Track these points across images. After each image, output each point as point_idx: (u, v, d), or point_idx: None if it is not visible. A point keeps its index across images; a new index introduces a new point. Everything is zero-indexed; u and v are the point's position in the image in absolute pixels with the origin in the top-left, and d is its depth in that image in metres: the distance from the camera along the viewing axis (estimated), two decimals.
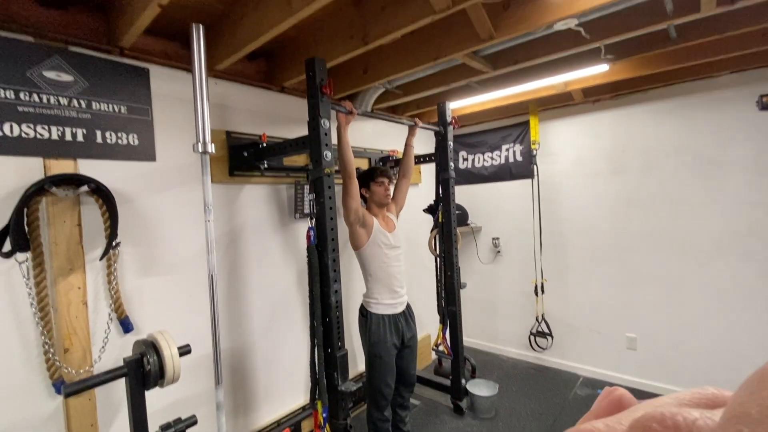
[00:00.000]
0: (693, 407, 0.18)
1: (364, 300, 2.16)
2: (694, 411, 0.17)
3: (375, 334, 2.07)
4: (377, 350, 2.06)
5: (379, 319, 2.08)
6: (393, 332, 2.10)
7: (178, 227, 1.85)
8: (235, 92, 2.11)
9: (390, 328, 2.09)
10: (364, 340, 2.12)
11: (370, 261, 2.10)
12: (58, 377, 1.53)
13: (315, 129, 1.69)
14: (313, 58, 1.68)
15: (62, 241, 1.54)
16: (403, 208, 2.40)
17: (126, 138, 1.70)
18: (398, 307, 2.15)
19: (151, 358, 1.40)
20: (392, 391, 2.13)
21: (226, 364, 2.06)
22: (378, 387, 2.08)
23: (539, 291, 3.21)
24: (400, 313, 2.15)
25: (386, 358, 2.07)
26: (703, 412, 0.17)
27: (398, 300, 2.15)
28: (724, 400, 0.18)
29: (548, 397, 2.83)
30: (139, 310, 1.75)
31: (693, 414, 0.17)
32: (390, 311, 2.11)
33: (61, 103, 1.54)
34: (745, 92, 2.42)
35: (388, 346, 2.07)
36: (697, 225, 2.61)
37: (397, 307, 2.14)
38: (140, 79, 1.75)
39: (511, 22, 1.68)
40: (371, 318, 2.08)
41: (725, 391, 0.19)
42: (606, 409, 0.23)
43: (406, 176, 2.41)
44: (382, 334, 2.07)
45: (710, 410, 0.17)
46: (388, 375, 2.08)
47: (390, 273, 2.12)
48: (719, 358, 2.56)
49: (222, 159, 2.00)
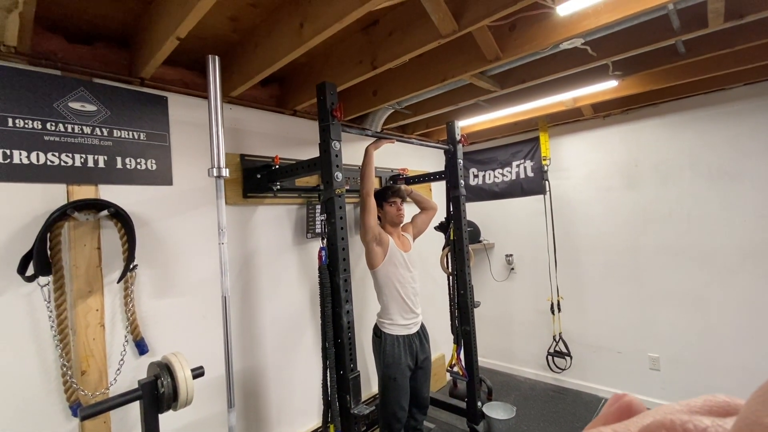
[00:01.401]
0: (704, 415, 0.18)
1: (378, 320, 2.14)
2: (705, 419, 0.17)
3: (389, 356, 2.04)
4: (391, 372, 2.03)
5: (393, 340, 2.06)
6: (407, 353, 2.07)
7: (193, 249, 1.89)
8: (249, 117, 2.18)
9: (404, 349, 2.06)
10: (378, 361, 2.09)
11: (386, 280, 2.09)
12: (75, 399, 1.54)
13: (326, 151, 1.73)
14: (324, 83, 1.73)
15: (82, 264, 1.58)
16: (422, 233, 2.43)
17: (145, 163, 1.77)
18: (413, 327, 2.12)
19: (165, 381, 1.41)
20: (406, 414, 2.09)
21: (239, 386, 2.06)
22: (392, 410, 2.04)
23: (555, 309, 3.14)
24: (414, 334, 2.12)
25: (400, 380, 2.03)
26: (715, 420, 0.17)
27: (413, 320, 2.12)
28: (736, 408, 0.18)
29: (569, 421, 2.73)
30: (154, 332, 1.77)
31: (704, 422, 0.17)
32: (404, 332, 2.09)
33: (85, 132, 1.61)
34: (760, 104, 2.38)
35: (402, 367, 2.04)
36: (717, 239, 2.54)
37: (412, 327, 2.12)
38: (159, 107, 1.83)
39: (518, 43, 1.70)
40: (385, 339, 2.06)
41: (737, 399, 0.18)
42: (615, 415, 0.22)
43: (426, 211, 2.52)
44: (397, 355, 2.04)
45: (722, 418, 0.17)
46: (402, 397, 2.04)
47: (405, 293, 2.11)
48: (747, 376, 2.44)
49: (236, 181, 2.05)
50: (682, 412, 0.18)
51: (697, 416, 0.17)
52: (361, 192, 2.01)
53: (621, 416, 0.22)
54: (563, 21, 1.58)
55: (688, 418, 0.17)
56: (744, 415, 0.16)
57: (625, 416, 0.22)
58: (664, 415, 0.18)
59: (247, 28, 1.72)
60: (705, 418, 0.17)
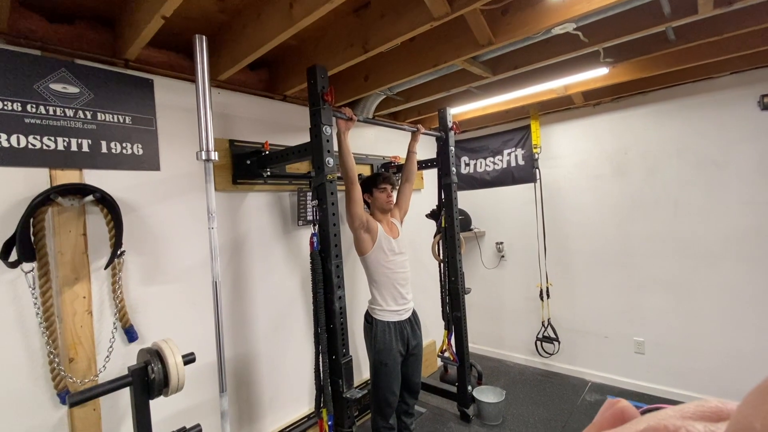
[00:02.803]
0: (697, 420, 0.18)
1: (369, 307, 2.15)
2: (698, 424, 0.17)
3: (380, 342, 2.05)
4: (382, 358, 2.04)
5: (384, 326, 2.07)
6: (398, 339, 2.08)
7: (183, 236, 1.86)
8: (238, 101, 2.14)
9: (395, 335, 2.08)
10: (369, 347, 2.10)
11: (376, 267, 2.09)
12: (63, 387, 1.53)
13: (317, 136, 1.71)
14: (314, 66, 1.70)
15: (68, 250, 1.55)
16: (407, 213, 2.40)
17: (131, 148, 1.73)
18: (404, 314, 2.13)
19: (155, 367, 1.40)
20: (397, 399, 2.11)
21: (231, 372, 2.05)
22: (383, 395, 2.06)
23: (545, 295, 3.19)
24: (405, 320, 2.14)
25: (391, 366, 2.05)
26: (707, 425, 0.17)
27: (404, 306, 2.14)
28: (728, 413, 0.18)
29: (556, 404, 2.79)
30: (144, 319, 1.75)
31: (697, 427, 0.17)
32: (395, 318, 2.10)
33: (67, 115, 1.57)
34: (747, 93, 2.42)
35: (394, 353, 2.06)
36: (703, 227, 2.59)
37: (403, 314, 2.13)
38: (145, 90, 1.78)
39: (510, 28, 1.69)
40: (376, 325, 2.07)
41: (729, 404, 0.19)
42: (609, 421, 0.23)
43: (409, 180, 2.41)
44: (388, 341, 2.05)
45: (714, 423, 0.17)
46: (393, 383, 2.06)
47: (395, 279, 2.11)
48: (729, 361, 2.52)
49: (225, 167, 2.01)
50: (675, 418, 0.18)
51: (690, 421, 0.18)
52: (344, 181, 1.96)
53: (615, 422, 0.22)
54: (555, 5, 1.57)
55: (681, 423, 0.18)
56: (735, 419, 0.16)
57: (619, 422, 0.22)
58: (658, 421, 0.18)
59: (236, 9, 1.67)
60: (698, 423, 0.17)
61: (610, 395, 2.84)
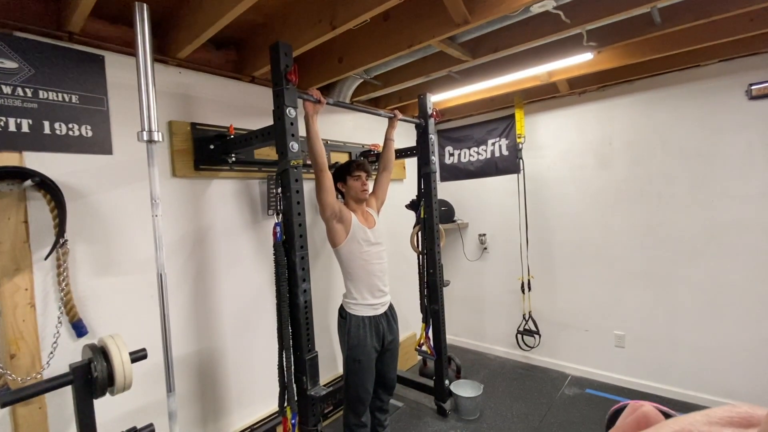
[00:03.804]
0: (725, 426, 0.18)
1: (343, 301, 2.06)
2: (726, 430, 0.17)
3: (354, 338, 1.97)
4: (356, 354, 1.96)
5: (359, 321, 1.98)
6: (373, 335, 2.00)
7: (138, 225, 1.75)
8: (202, 82, 2.01)
9: (370, 331, 2.00)
10: (343, 342, 2.02)
11: (349, 259, 2.00)
12: (3, 384, 1.42)
13: (280, 118, 1.60)
14: (278, 43, 1.58)
15: (6, 239, 1.43)
16: (384, 203, 2.31)
17: (78, 129, 1.60)
18: (380, 308, 2.05)
19: (99, 365, 1.30)
20: (371, 396, 2.04)
21: (195, 368, 1.96)
22: (356, 392, 1.99)
23: (526, 288, 3.14)
24: (381, 315, 2.05)
25: (365, 363, 1.98)
26: (736, 431, 0.17)
27: (380, 300, 2.05)
28: (758, 419, 0.18)
29: (535, 397, 2.76)
30: (96, 313, 1.64)
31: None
32: (371, 312, 2.01)
33: (4, 92, 1.43)
34: (734, 81, 2.35)
35: (368, 349, 1.98)
36: (685, 219, 2.54)
37: (379, 308, 2.05)
38: (94, 67, 1.65)
39: (486, 5, 1.59)
40: (350, 320, 1.99)
41: (758, 409, 0.18)
42: (631, 425, 0.22)
43: (387, 169, 2.31)
44: (362, 337, 1.97)
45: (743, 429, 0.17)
46: (367, 380, 1.99)
47: (371, 271, 2.02)
48: (710, 355, 2.50)
49: (186, 152, 1.90)
50: (701, 423, 0.18)
51: (718, 427, 0.17)
52: (313, 168, 1.84)
53: (638, 426, 0.22)
54: None
55: (708, 429, 0.17)
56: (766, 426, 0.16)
57: (642, 426, 0.22)
58: (683, 426, 0.18)
59: None
60: (726, 429, 0.17)
61: (590, 389, 2.81)
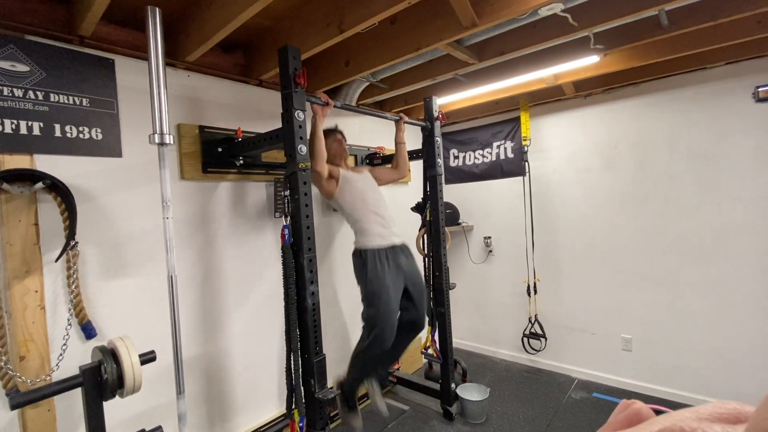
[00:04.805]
0: (714, 422, 0.18)
1: (355, 244, 2.06)
2: (716, 426, 0.17)
3: (371, 270, 1.91)
4: (375, 288, 1.90)
5: (374, 254, 1.94)
6: (392, 267, 1.95)
7: (147, 227, 1.76)
8: (210, 85, 2.02)
9: (388, 263, 1.95)
10: (360, 277, 1.98)
11: (348, 199, 2.04)
12: (13, 386, 1.43)
13: (289, 121, 1.61)
14: (286, 47, 1.59)
15: (17, 241, 1.44)
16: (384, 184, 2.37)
17: (89, 132, 1.61)
18: (390, 238, 2.02)
19: (108, 367, 1.31)
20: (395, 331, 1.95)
21: (201, 371, 1.96)
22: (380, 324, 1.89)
23: (532, 291, 3.12)
24: (398, 247, 2.03)
25: (384, 296, 1.90)
26: (725, 427, 0.17)
27: (389, 231, 2.03)
28: (746, 416, 0.18)
29: (542, 401, 2.74)
30: (105, 315, 1.65)
31: (714, 429, 0.17)
32: (383, 243, 1.98)
33: (16, 95, 1.45)
34: (741, 84, 2.34)
35: (386, 282, 1.91)
36: (693, 221, 2.53)
37: (389, 238, 2.01)
38: (104, 71, 1.66)
39: (495, 8, 1.59)
40: (366, 255, 1.95)
41: (747, 406, 0.18)
42: (623, 422, 0.23)
43: (397, 168, 2.39)
44: (380, 268, 1.91)
45: (732, 425, 0.17)
46: (387, 313, 1.90)
47: (370, 205, 2.04)
48: (717, 359, 2.48)
49: (195, 155, 1.90)
50: (691, 419, 0.18)
51: (707, 423, 0.17)
52: (312, 169, 1.83)
53: (630, 423, 0.22)
54: None
55: (698, 425, 0.17)
56: (754, 421, 0.16)
57: (634, 423, 0.22)
58: (674, 422, 0.18)
59: None
60: (715, 425, 0.17)
61: (597, 393, 2.79)
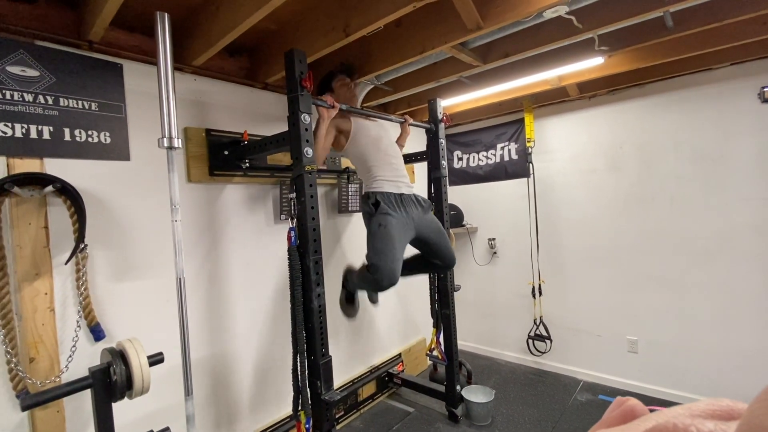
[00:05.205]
0: (707, 418, 0.18)
1: (365, 188, 1.97)
2: (708, 422, 0.17)
3: (377, 219, 1.81)
4: (380, 219, 1.78)
5: (384, 196, 1.85)
6: (402, 208, 1.87)
7: (154, 229, 1.77)
8: (216, 89, 2.04)
9: (398, 204, 1.87)
10: (367, 216, 1.89)
11: (360, 142, 1.95)
12: (23, 388, 1.44)
13: (295, 124, 1.62)
14: (292, 50, 1.60)
15: (27, 244, 1.46)
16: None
17: (97, 136, 1.63)
18: (403, 187, 1.94)
19: (117, 368, 1.32)
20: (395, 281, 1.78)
21: (208, 372, 1.97)
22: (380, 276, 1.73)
23: (536, 293, 3.12)
24: (409, 195, 1.94)
25: (391, 230, 1.77)
26: (718, 423, 0.17)
27: (402, 180, 1.95)
28: (739, 413, 0.18)
29: (547, 403, 2.73)
30: (113, 317, 1.66)
31: (707, 425, 0.17)
32: (395, 189, 1.90)
33: (26, 99, 1.47)
34: (746, 84, 2.33)
35: (395, 217, 1.81)
36: (699, 223, 2.52)
37: (402, 186, 1.93)
38: (112, 75, 1.68)
39: (499, 11, 1.60)
40: (375, 196, 1.86)
41: (739, 403, 0.18)
42: (617, 419, 0.23)
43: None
44: (390, 209, 1.82)
45: (725, 422, 0.17)
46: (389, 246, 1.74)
47: (382, 148, 1.96)
48: (724, 360, 2.46)
49: (201, 158, 1.92)
50: (684, 416, 0.18)
51: (700, 419, 0.17)
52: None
53: (624, 419, 0.22)
54: None
55: (691, 421, 0.17)
56: (746, 418, 0.16)
57: (628, 419, 0.22)
58: (667, 419, 0.18)
59: None
60: (708, 422, 0.17)
61: (603, 395, 2.78)
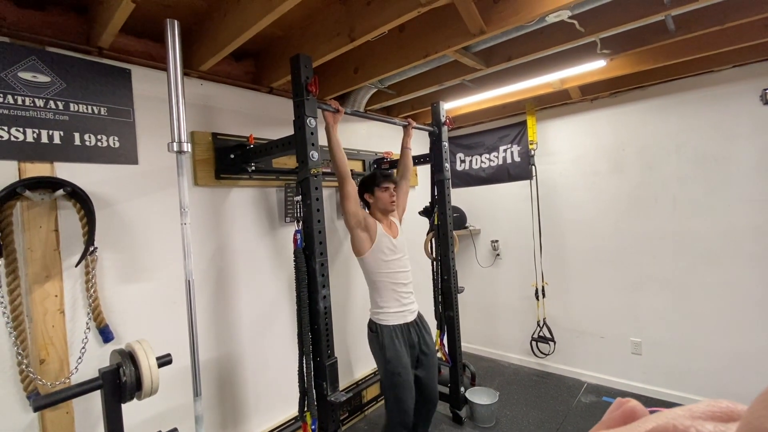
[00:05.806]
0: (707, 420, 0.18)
1: (371, 314, 2.03)
2: (708, 424, 0.17)
3: (390, 350, 1.90)
4: (394, 367, 1.89)
5: (391, 332, 1.93)
6: (407, 346, 1.96)
7: (162, 232, 1.79)
8: (222, 93, 2.06)
9: (405, 342, 1.95)
10: (378, 357, 1.96)
11: (375, 268, 1.97)
12: (33, 389, 1.46)
13: (300, 128, 1.64)
14: (298, 55, 1.63)
15: (38, 247, 1.48)
16: (405, 211, 2.32)
17: (106, 140, 1.65)
18: (408, 315, 2.01)
19: (127, 369, 1.34)
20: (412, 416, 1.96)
21: (214, 374, 1.99)
22: (398, 412, 1.90)
23: (540, 295, 3.12)
24: (411, 323, 2.01)
25: (405, 376, 1.91)
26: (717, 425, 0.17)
27: (408, 307, 2.01)
28: (738, 414, 0.18)
29: (551, 405, 2.73)
30: (121, 319, 1.68)
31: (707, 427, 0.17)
32: (401, 320, 1.97)
33: (37, 105, 1.49)
34: (748, 86, 2.34)
35: (405, 361, 1.92)
36: (702, 224, 2.52)
37: (408, 315, 2.01)
38: (121, 80, 1.71)
39: (502, 15, 1.62)
40: (382, 332, 1.93)
41: (739, 405, 0.18)
42: (617, 420, 0.23)
43: (405, 177, 2.32)
44: (398, 348, 1.91)
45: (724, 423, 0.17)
46: (407, 395, 1.92)
47: (397, 280, 1.99)
48: (728, 362, 2.46)
49: (208, 161, 1.94)
50: (684, 417, 0.18)
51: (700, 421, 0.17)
52: (336, 177, 1.87)
53: (624, 420, 0.22)
54: None
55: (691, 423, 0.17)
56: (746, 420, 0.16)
57: (629, 420, 0.22)
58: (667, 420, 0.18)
59: None
60: (708, 423, 0.17)
61: (606, 397, 2.78)
